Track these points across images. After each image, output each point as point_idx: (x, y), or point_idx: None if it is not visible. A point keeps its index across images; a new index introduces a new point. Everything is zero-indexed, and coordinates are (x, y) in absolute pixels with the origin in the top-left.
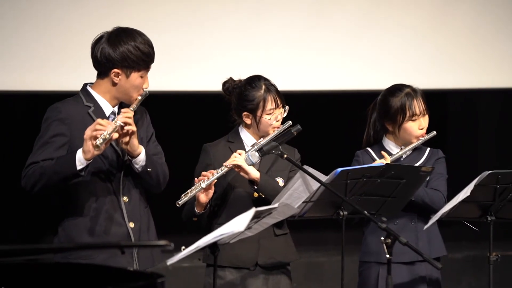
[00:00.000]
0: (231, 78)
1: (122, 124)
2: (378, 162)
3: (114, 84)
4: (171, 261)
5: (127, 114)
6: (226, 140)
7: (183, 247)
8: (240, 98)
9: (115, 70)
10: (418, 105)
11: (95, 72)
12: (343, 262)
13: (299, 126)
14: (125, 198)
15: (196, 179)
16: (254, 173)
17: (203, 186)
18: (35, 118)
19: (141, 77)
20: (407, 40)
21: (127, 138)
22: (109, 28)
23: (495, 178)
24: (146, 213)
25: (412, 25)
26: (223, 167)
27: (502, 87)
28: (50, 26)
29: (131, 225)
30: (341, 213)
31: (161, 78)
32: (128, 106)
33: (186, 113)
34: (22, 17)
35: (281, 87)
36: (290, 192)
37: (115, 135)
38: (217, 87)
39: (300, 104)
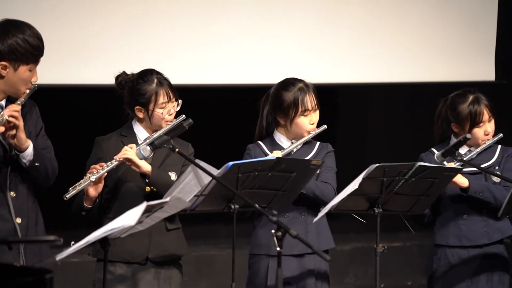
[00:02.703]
0: (124, 72)
1: (7, 118)
2: (270, 156)
3: (1, 77)
4: (60, 256)
5: (14, 108)
6: (119, 134)
7: (73, 242)
8: (132, 92)
9: (3, 62)
10: (310, 100)
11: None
12: (234, 255)
13: (190, 120)
14: (12, 193)
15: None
16: (146, 167)
17: (92, 180)
18: None
19: (30, 70)
20: (297, 35)
21: (13, 132)
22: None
23: (382, 171)
24: (34, 208)
25: (302, 20)
26: (113, 161)
27: (390, 82)
28: None
29: (18, 220)
30: (233, 206)
31: (53, 70)
32: (16, 99)
33: (78, 106)
34: None
35: (174, 80)
36: (181, 186)
37: (1, 129)
38: (111, 80)
39: (193, 98)
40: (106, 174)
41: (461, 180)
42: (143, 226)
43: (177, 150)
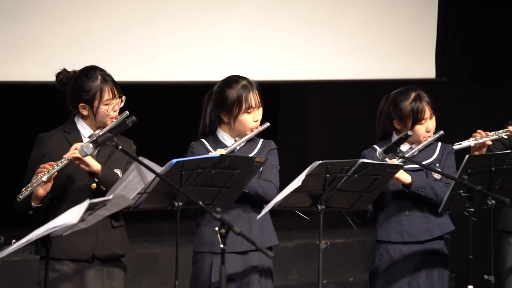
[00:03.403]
0: (64, 69)
1: None
2: (213, 153)
3: None
4: (0, 255)
5: None
6: (62, 130)
7: (14, 241)
8: (75, 89)
9: None
10: (254, 98)
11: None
12: (177, 252)
13: (134, 118)
14: None
15: (39, 172)
16: (95, 166)
17: (44, 179)
18: None
19: None
20: (240, 33)
21: None
22: None
23: (325, 168)
24: None
25: (245, 18)
26: (63, 159)
27: (332, 79)
28: None
29: None
30: (176, 204)
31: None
32: None
33: (19, 103)
34: None
35: (116, 77)
36: (125, 183)
37: None
38: (50, 78)
39: (136, 95)
40: (56, 173)
41: (404, 177)
42: (86, 224)
43: (120, 147)
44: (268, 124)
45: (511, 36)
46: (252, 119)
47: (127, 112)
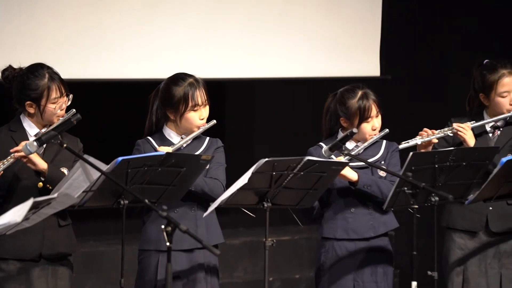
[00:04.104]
0: (10, 66)
1: None
2: (160, 150)
3: None
4: None
5: None
6: (8, 129)
7: None
8: (22, 87)
9: None
10: (200, 95)
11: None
12: (123, 251)
13: (79, 115)
14: None
15: None
16: (42, 164)
17: None
18: None
19: None
20: (185, 30)
21: None
22: None
23: (271, 166)
24: None
25: (189, 15)
26: (9, 158)
27: (278, 77)
28: None
29: None
30: (122, 202)
31: None
32: None
33: None
34: None
35: (63, 75)
36: (70, 181)
37: None
38: None
39: (82, 92)
40: (2, 171)
41: (350, 174)
42: (30, 223)
43: (65, 145)
44: (214, 121)
45: (454, 34)
46: (198, 116)
47: (74, 110)
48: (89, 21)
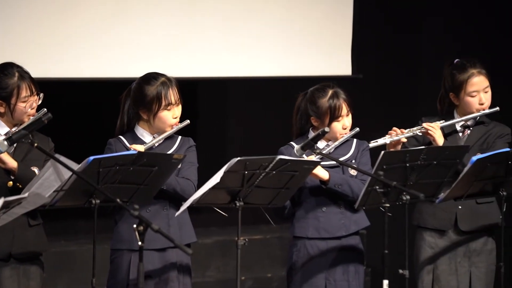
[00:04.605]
0: None
1: None
2: (132, 149)
3: None
4: None
5: None
6: None
7: None
8: None
9: None
10: (173, 94)
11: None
12: (94, 250)
13: (49, 114)
14: None
15: None
16: (11, 163)
17: None
18: None
19: None
20: (157, 29)
21: None
22: None
23: (244, 165)
24: None
25: (161, 15)
26: None
27: (249, 76)
28: None
29: None
30: (93, 201)
31: None
32: None
33: None
34: None
35: (33, 74)
36: (40, 181)
37: None
38: None
39: (53, 92)
40: None
41: (321, 173)
42: (1, 222)
43: (36, 144)
44: (188, 121)
45: (425, 34)
46: (171, 116)
47: (45, 109)
48: (58, 20)
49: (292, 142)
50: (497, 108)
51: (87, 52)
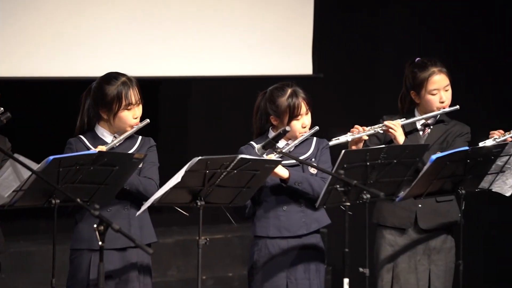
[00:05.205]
0: None
1: None
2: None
3: None
4: None
5: None
6: None
7: None
8: None
9: None
10: (134, 94)
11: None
12: (54, 250)
13: (8, 114)
14: None
15: None
16: None
17: None
18: None
19: None
20: (118, 28)
21: None
22: None
23: (205, 164)
24: None
25: (122, 13)
26: None
27: (210, 75)
28: None
29: None
30: (53, 201)
31: None
32: None
33: None
34: None
35: None
36: None
37: None
38: None
39: (12, 91)
40: None
41: (282, 172)
42: None
43: None
44: (148, 120)
45: (385, 33)
46: (132, 116)
47: (2, 108)
48: (18, 19)
49: (252, 142)
50: (457, 106)
51: (47, 52)
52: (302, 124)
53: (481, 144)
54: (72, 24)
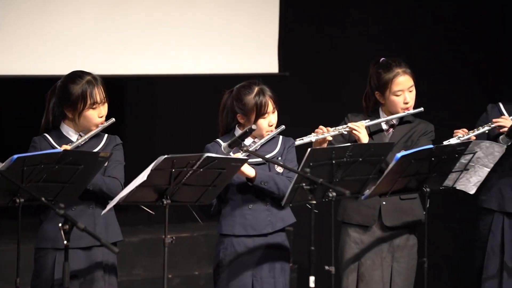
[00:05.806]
0: None
1: None
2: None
3: None
4: None
5: None
6: None
7: None
8: None
9: None
10: (99, 93)
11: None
12: (18, 250)
13: None
14: None
15: None
16: None
17: None
18: None
19: None
20: (83, 26)
21: None
22: None
23: (171, 163)
24: None
25: (88, 11)
26: None
27: (176, 74)
28: None
29: None
30: (18, 200)
31: None
32: None
33: None
34: None
35: None
36: None
37: None
38: None
39: None
40: None
41: (248, 170)
42: None
43: None
44: (113, 119)
45: (351, 32)
46: (97, 115)
47: None
48: None
49: (218, 139)
50: (421, 108)
51: (11, 50)
52: (269, 122)
53: (445, 143)
54: (37, 22)
